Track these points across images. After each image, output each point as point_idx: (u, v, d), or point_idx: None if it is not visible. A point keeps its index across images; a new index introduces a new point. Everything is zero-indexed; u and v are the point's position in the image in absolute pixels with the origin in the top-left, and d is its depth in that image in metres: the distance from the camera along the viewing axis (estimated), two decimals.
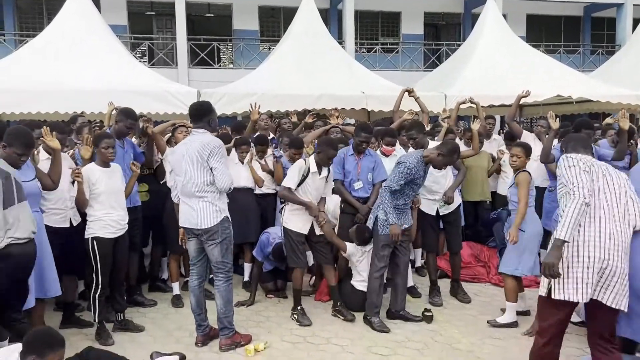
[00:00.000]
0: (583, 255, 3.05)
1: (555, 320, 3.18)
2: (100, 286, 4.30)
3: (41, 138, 4.14)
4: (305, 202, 4.81)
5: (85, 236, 4.33)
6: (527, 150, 4.82)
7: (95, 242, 4.29)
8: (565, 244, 3.01)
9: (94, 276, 4.32)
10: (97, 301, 4.30)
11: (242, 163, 5.80)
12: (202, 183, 4.05)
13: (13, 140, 3.69)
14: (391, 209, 4.67)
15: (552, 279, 3.07)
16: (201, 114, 4.20)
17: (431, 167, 4.83)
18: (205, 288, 4.51)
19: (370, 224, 4.87)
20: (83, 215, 4.62)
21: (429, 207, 5.45)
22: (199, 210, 4.07)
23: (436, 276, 5.50)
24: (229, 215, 4.22)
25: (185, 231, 4.26)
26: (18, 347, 2.88)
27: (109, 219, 4.35)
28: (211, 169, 4.03)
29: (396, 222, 4.65)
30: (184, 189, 4.15)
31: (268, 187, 5.96)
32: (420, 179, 4.77)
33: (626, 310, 3.11)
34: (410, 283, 5.53)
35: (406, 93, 7.13)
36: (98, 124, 6.10)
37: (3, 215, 3.40)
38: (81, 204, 4.33)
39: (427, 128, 6.75)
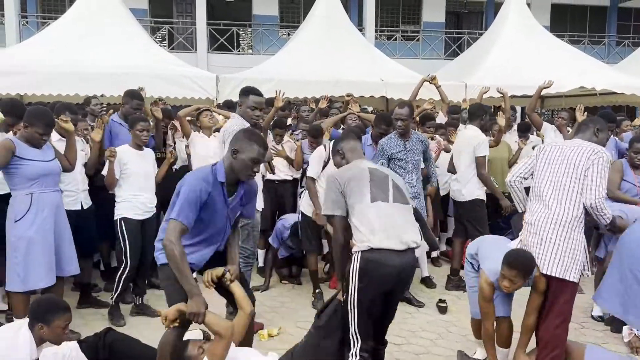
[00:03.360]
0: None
1: (570, 299, 3.35)
2: (128, 267, 4.35)
3: (56, 120, 4.16)
4: (317, 207, 4.72)
5: (115, 217, 4.39)
6: None
7: (123, 222, 4.36)
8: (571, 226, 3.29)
9: (123, 257, 4.38)
10: (121, 281, 4.36)
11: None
12: None
13: (34, 119, 3.75)
14: None
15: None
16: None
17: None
18: None
19: None
20: (94, 199, 4.69)
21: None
22: None
23: (459, 265, 5.36)
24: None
25: None
26: (25, 321, 2.94)
27: (137, 201, 4.41)
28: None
29: None
30: None
31: (286, 174, 5.94)
32: (400, 153, 4.76)
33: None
34: (425, 273, 5.51)
35: (426, 82, 7.02)
36: (105, 107, 6.06)
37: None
38: (110, 183, 4.37)
39: (446, 117, 6.67)
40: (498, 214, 6.64)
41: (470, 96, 8.26)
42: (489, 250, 3.62)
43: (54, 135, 4.50)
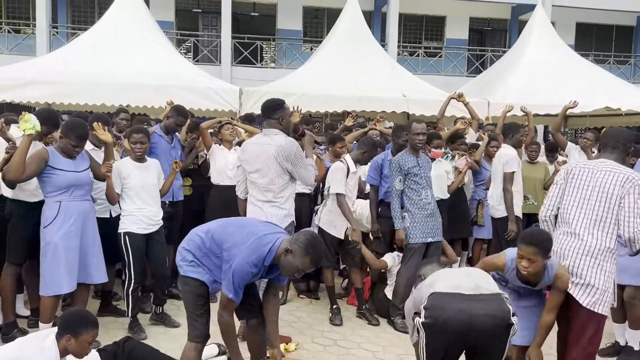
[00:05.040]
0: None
1: (598, 331, 3.27)
2: (133, 281, 4.33)
3: (93, 132, 4.27)
4: (353, 222, 4.75)
5: (118, 231, 4.36)
6: None
7: (127, 237, 4.32)
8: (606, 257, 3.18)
9: (127, 271, 4.36)
10: (130, 296, 4.34)
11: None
12: (277, 187, 4.03)
13: (69, 131, 3.88)
14: (399, 212, 4.73)
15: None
16: (272, 109, 4.12)
17: None
18: None
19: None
20: None
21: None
22: (270, 214, 3.98)
23: None
24: (294, 220, 4.23)
25: None
26: (53, 330, 2.98)
27: (141, 214, 4.35)
28: (289, 172, 4.03)
29: (401, 227, 4.72)
30: (255, 190, 4.12)
31: (303, 187, 5.93)
32: (415, 168, 4.73)
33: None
34: None
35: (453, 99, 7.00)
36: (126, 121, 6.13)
37: None
38: (110, 198, 4.31)
39: (476, 135, 6.62)
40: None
41: (493, 114, 8.21)
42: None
43: (87, 145, 4.57)
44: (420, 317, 2.83)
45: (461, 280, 2.87)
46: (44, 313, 3.92)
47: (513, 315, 2.79)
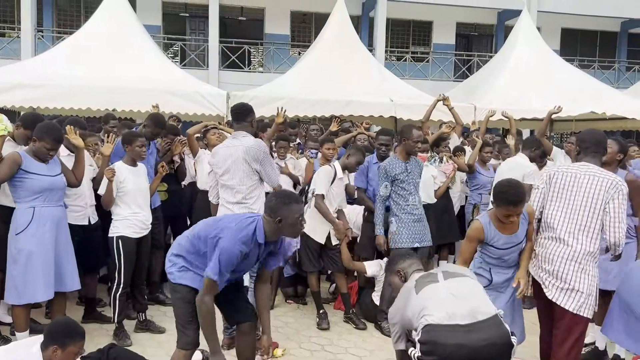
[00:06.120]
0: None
1: (583, 333, 3.31)
2: (121, 285, 4.31)
3: (65, 136, 4.16)
4: (336, 222, 4.79)
5: (110, 235, 4.33)
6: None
7: (120, 241, 4.30)
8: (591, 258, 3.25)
9: (116, 275, 4.32)
10: (117, 300, 4.31)
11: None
12: (246, 188, 4.10)
13: (44, 134, 3.79)
14: (380, 219, 4.72)
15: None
16: (244, 114, 4.25)
17: None
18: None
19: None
20: (100, 214, 4.66)
21: None
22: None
23: None
24: None
25: None
26: (39, 338, 2.93)
27: (134, 219, 4.36)
28: (257, 172, 4.11)
29: (380, 233, 4.72)
30: (226, 192, 4.17)
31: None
32: (402, 174, 4.73)
33: None
34: None
35: (439, 103, 7.04)
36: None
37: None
38: (108, 202, 4.31)
39: (460, 140, 6.68)
40: None
41: (479, 118, 8.26)
42: None
43: (63, 150, 4.49)
44: (415, 350, 2.69)
45: (454, 306, 2.69)
46: (17, 322, 3.83)
47: (512, 335, 2.73)
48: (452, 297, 2.66)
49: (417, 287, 2.87)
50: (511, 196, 3.21)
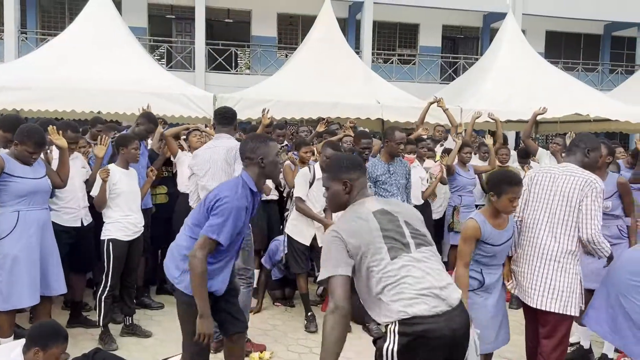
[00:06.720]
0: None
1: (568, 332, 3.35)
2: (108, 288, 4.28)
3: (48, 137, 4.11)
4: (323, 220, 4.77)
5: (102, 237, 4.32)
6: None
7: (110, 244, 4.29)
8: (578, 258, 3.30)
9: (104, 277, 4.30)
10: (103, 302, 4.27)
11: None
12: None
13: (25, 138, 3.73)
14: None
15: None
16: (230, 118, 4.24)
17: None
18: None
19: None
20: (93, 216, 4.63)
21: None
22: None
23: None
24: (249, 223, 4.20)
25: None
26: (21, 342, 2.89)
27: (126, 222, 4.35)
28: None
29: None
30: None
31: (272, 194, 5.89)
32: (384, 176, 4.72)
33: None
34: None
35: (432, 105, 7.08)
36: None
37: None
38: (101, 204, 4.30)
39: (456, 140, 6.64)
40: None
41: (466, 120, 8.31)
42: None
43: (56, 152, 4.44)
44: (391, 343, 2.34)
45: (432, 291, 2.36)
46: (2, 328, 3.75)
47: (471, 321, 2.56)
48: (430, 277, 2.38)
49: (385, 237, 2.41)
50: (512, 177, 3.21)
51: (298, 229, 4.86)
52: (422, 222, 2.60)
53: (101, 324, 4.31)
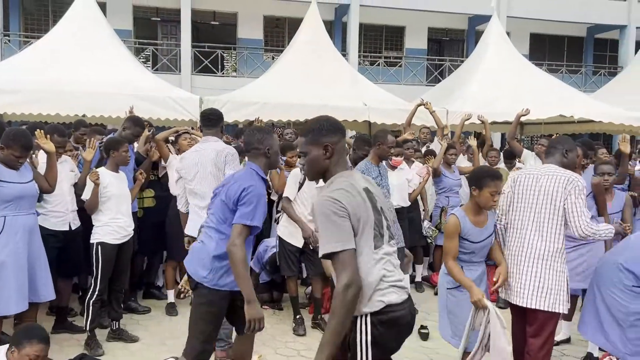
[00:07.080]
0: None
1: (554, 328, 3.43)
2: (97, 292, 4.24)
3: (35, 141, 4.07)
4: (302, 223, 4.74)
5: (91, 241, 4.29)
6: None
7: (100, 247, 4.25)
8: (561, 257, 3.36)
9: (92, 281, 4.26)
10: (91, 307, 4.23)
11: None
12: None
13: (11, 142, 3.69)
14: None
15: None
16: (215, 120, 4.21)
17: None
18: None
19: None
20: (82, 220, 4.59)
21: None
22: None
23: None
24: None
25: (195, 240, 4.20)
26: (5, 347, 2.87)
27: (115, 225, 4.32)
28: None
29: None
30: (196, 198, 4.11)
31: None
32: (377, 179, 4.71)
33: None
34: None
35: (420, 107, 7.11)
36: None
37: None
38: (93, 208, 4.27)
39: (442, 143, 6.70)
40: None
41: (452, 122, 8.37)
42: None
43: (42, 156, 4.39)
44: (364, 334, 2.31)
45: (400, 276, 2.41)
46: None
47: None
48: (397, 271, 2.37)
49: (376, 222, 2.33)
50: (494, 172, 3.33)
51: (290, 231, 4.85)
52: (393, 210, 2.65)
53: (88, 328, 4.26)
